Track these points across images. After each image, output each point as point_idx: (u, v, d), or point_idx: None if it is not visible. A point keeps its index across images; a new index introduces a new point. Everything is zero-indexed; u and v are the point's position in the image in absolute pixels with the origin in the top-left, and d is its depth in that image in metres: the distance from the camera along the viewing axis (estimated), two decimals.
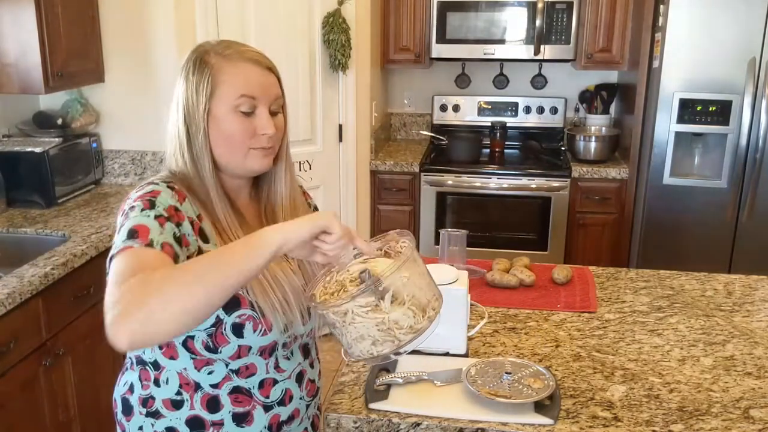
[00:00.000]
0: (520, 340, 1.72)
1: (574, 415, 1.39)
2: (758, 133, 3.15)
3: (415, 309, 1.08)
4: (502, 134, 4.05)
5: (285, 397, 1.26)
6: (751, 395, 1.47)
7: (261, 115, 1.20)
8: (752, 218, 3.26)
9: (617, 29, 3.68)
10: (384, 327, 1.06)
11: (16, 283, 2.05)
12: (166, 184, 1.18)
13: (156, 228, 1.09)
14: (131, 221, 1.10)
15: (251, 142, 1.20)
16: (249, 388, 1.21)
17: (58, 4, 2.68)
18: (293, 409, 1.28)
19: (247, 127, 1.19)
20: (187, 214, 1.16)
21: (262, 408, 1.23)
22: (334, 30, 3.35)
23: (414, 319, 1.07)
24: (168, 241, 1.09)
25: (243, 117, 1.19)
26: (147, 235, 1.08)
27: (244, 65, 1.20)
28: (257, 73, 1.20)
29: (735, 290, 2.03)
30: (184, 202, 1.17)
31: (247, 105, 1.19)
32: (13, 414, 2.05)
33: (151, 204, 1.13)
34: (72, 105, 3.06)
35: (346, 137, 3.62)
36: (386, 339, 1.07)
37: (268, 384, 1.23)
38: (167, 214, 1.13)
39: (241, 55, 1.20)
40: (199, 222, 1.17)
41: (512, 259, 2.16)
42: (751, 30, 3.06)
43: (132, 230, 1.08)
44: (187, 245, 1.13)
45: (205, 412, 1.20)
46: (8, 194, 2.80)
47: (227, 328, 1.15)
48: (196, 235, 1.15)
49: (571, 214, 3.65)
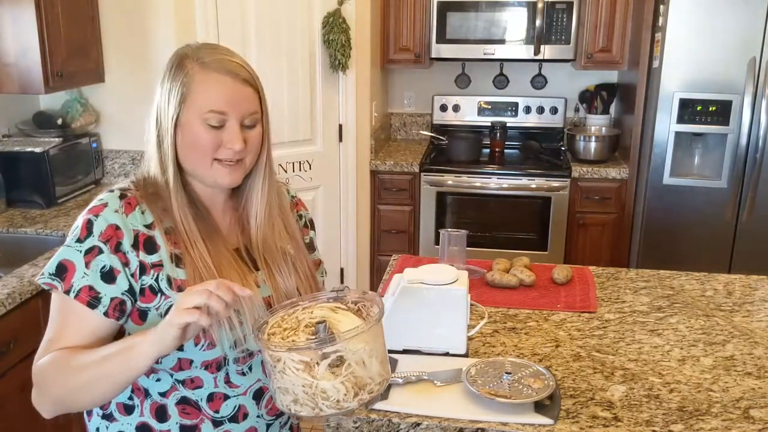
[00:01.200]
0: (520, 340, 1.72)
1: (574, 415, 1.39)
2: (758, 133, 3.15)
3: (350, 386, 1.01)
4: (502, 134, 4.05)
5: (238, 414, 1.21)
6: (751, 395, 1.47)
7: (230, 129, 1.17)
8: (752, 218, 3.26)
9: (617, 29, 3.68)
10: (309, 391, 1.01)
11: (16, 283, 2.05)
12: (120, 193, 1.18)
13: (80, 268, 1.12)
14: (64, 251, 1.15)
15: (216, 153, 1.17)
16: (197, 401, 1.19)
17: (58, 4, 2.67)
18: (248, 427, 1.23)
19: (214, 139, 1.16)
20: (129, 227, 1.15)
21: (210, 422, 1.20)
22: (334, 30, 3.35)
23: (344, 395, 1.01)
24: (89, 284, 1.12)
25: (211, 129, 1.16)
26: (70, 279, 1.12)
27: (218, 77, 1.16)
28: (231, 87, 1.16)
29: (735, 290, 2.03)
30: (132, 212, 1.16)
31: (216, 120, 1.16)
32: (13, 414, 2.05)
33: (89, 230, 1.14)
34: (72, 105, 3.06)
35: (346, 137, 3.62)
36: (307, 403, 1.01)
37: (218, 398, 1.19)
38: (102, 240, 1.13)
39: (219, 64, 1.17)
40: (147, 232, 1.16)
41: (512, 259, 2.16)
42: (751, 30, 3.06)
43: (61, 265, 1.14)
44: (127, 264, 1.14)
45: (153, 421, 1.19)
46: (8, 194, 2.80)
47: None
48: (140, 249, 1.15)
49: (571, 214, 3.65)
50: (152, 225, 1.17)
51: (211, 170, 1.18)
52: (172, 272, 1.15)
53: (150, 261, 1.15)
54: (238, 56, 1.21)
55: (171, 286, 1.14)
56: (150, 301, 1.14)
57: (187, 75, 1.16)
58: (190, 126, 1.16)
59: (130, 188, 1.20)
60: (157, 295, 1.14)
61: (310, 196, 3.59)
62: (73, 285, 1.12)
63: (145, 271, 1.14)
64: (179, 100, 1.16)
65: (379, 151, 3.95)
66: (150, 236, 1.16)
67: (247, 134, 1.19)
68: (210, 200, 1.24)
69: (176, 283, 1.14)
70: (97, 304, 1.12)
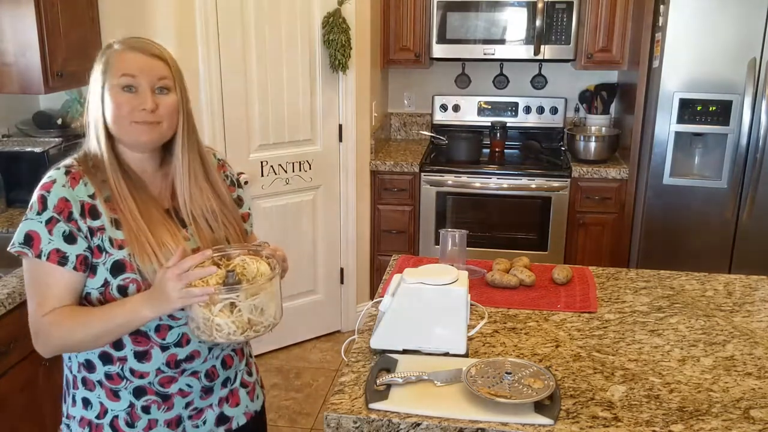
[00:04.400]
0: (520, 340, 1.72)
1: (574, 415, 1.39)
2: (758, 133, 3.15)
3: (239, 325, 1.30)
4: (502, 134, 4.05)
5: (182, 340, 1.42)
6: (751, 395, 1.47)
7: (141, 92, 1.37)
8: (752, 218, 3.26)
9: (617, 29, 3.68)
10: (207, 323, 1.29)
11: (16, 283, 2.05)
12: (65, 169, 1.39)
13: (44, 236, 1.33)
14: (28, 224, 1.35)
15: (133, 115, 1.36)
16: (146, 331, 1.39)
17: (58, 4, 2.67)
18: (191, 350, 1.43)
19: (130, 102, 1.36)
20: (76, 198, 1.36)
21: (159, 348, 1.41)
22: (334, 30, 3.35)
23: (234, 331, 1.30)
24: (55, 247, 1.33)
25: (127, 94, 1.36)
26: (38, 245, 1.33)
27: (131, 51, 1.39)
28: (141, 58, 1.38)
29: (735, 290, 2.03)
30: (77, 185, 1.37)
31: (128, 81, 1.36)
32: (13, 414, 2.05)
33: (44, 204, 1.34)
34: (72, 105, 3.06)
35: (346, 137, 3.62)
36: (205, 331, 1.31)
37: (164, 329, 1.40)
38: (56, 212, 1.34)
39: (133, 43, 1.41)
40: (90, 201, 1.37)
41: (512, 259, 2.16)
42: (751, 30, 3.06)
43: (27, 235, 1.34)
44: (79, 229, 1.35)
45: (111, 350, 1.40)
46: (8, 194, 2.81)
47: (114, 289, 1.36)
48: (86, 216, 1.36)
49: (571, 214, 3.65)
50: (94, 195, 1.37)
51: (130, 130, 1.38)
52: (113, 234, 1.36)
53: (95, 225, 1.36)
54: (157, 44, 1.43)
55: (113, 246, 1.36)
56: (98, 258, 1.36)
57: (107, 54, 1.40)
58: (111, 94, 1.37)
59: (74, 164, 1.40)
60: (103, 254, 1.36)
61: (310, 196, 3.59)
62: (42, 250, 1.33)
63: (93, 234, 1.36)
64: (102, 74, 1.38)
65: (379, 151, 3.95)
66: (93, 205, 1.37)
67: (159, 99, 1.39)
68: (141, 168, 1.44)
69: (117, 243, 1.36)
70: (65, 262, 1.33)
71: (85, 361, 1.43)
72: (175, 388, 1.44)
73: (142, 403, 1.43)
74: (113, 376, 1.41)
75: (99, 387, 1.43)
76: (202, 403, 1.49)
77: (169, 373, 1.43)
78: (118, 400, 1.43)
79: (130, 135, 1.38)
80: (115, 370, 1.41)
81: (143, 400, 1.43)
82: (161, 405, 1.44)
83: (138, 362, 1.40)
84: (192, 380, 1.46)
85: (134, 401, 1.43)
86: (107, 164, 1.38)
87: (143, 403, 1.43)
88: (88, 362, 1.43)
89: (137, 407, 1.43)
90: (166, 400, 1.44)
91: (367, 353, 1.64)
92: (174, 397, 1.45)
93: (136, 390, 1.42)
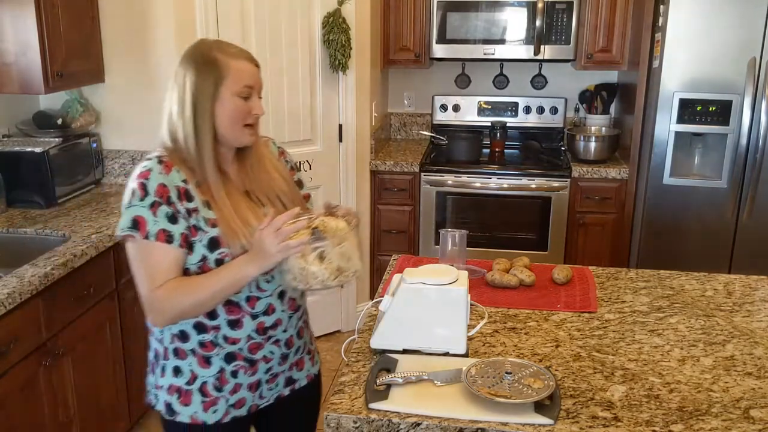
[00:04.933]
0: (520, 340, 1.72)
1: (574, 415, 1.39)
2: (758, 133, 3.15)
3: (331, 271, 1.47)
4: (502, 134, 4.05)
5: (268, 309, 1.61)
6: (751, 395, 1.47)
7: (255, 100, 1.58)
8: (752, 218, 3.26)
9: (617, 29, 3.68)
10: (303, 273, 1.47)
11: (16, 283, 2.05)
12: (157, 159, 1.53)
13: (150, 219, 1.48)
14: (133, 210, 1.49)
15: (246, 119, 1.57)
16: (238, 302, 1.57)
17: (58, 4, 2.68)
18: (276, 318, 1.63)
19: (245, 108, 1.56)
20: (172, 183, 1.51)
21: (249, 316, 1.59)
22: (334, 30, 3.35)
23: (327, 277, 1.47)
24: (161, 228, 1.48)
25: (242, 101, 1.55)
26: (145, 227, 1.48)
27: (243, 62, 1.56)
28: (253, 69, 1.58)
29: (735, 290, 2.03)
30: (170, 172, 1.52)
31: (247, 92, 1.56)
32: (13, 414, 2.05)
33: (145, 190, 1.49)
34: (72, 105, 3.06)
35: (346, 137, 3.62)
36: (302, 281, 1.48)
37: (254, 299, 1.58)
38: (157, 196, 1.49)
39: (240, 53, 1.57)
40: (184, 186, 1.52)
41: (512, 259, 2.16)
42: (751, 30, 3.06)
43: (134, 220, 1.48)
44: (178, 211, 1.51)
45: (206, 319, 1.57)
46: (8, 194, 2.81)
47: (211, 262, 1.52)
48: (183, 199, 1.51)
49: (571, 214, 3.65)
50: (186, 180, 1.53)
51: (241, 133, 1.57)
52: (206, 214, 1.53)
53: (191, 207, 1.52)
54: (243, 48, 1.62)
55: (207, 224, 1.52)
56: (195, 236, 1.52)
57: (219, 62, 1.53)
58: (229, 101, 1.54)
59: (164, 155, 1.55)
60: (199, 232, 1.52)
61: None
62: (149, 231, 1.48)
63: (190, 215, 1.51)
64: (216, 82, 1.52)
65: (379, 151, 3.95)
66: (187, 189, 1.53)
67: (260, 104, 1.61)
68: (225, 159, 1.61)
69: (210, 222, 1.52)
70: (172, 240, 1.49)
71: (179, 332, 1.59)
72: (260, 355, 1.63)
73: (232, 368, 1.60)
74: (207, 343, 1.58)
75: (191, 355, 1.59)
76: (278, 368, 1.68)
77: (258, 340, 1.61)
78: (209, 366, 1.60)
79: (238, 137, 1.57)
80: (209, 338, 1.58)
81: (233, 365, 1.60)
82: (248, 370, 1.62)
83: (231, 330, 1.58)
84: (274, 348, 1.65)
85: (225, 366, 1.60)
86: (206, 156, 1.54)
87: (232, 368, 1.60)
88: (182, 333, 1.58)
89: (227, 372, 1.60)
90: (252, 365, 1.62)
91: (367, 353, 1.65)
92: (259, 363, 1.63)
93: (227, 356, 1.59)
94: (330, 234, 1.47)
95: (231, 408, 1.63)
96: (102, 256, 2.47)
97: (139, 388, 2.83)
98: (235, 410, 1.64)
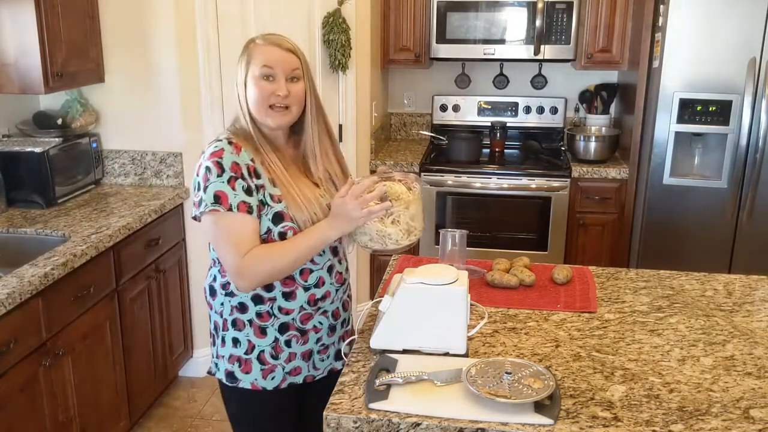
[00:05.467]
0: (520, 340, 1.72)
1: (574, 415, 1.39)
2: (758, 133, 3.15)
3: (404, 231, 1.65)
4: (502, 134, 4.05)
5: (319, 282, 1.75)
6: (751, 395, 1.47)
7: (278, 80, 1.68)
8: (752, 218, 3.26)
9: (617, 29, 3.68)
10: (380, 234, 1.65)
11: (16, 283, 2.05)
12: (227, 140, 1.67)
13: (230, 192, 1.61)
14: (213, 186, 1.61)
15: (269, 100, 1.67)
16: (293, 275, 1.71)
17: (58, 4, 2.68)
18: (325, 291, 1.77)
19: (267, 88, 1.67)
20: (243, 162, 1.65)
21: (302, 288, 1.73)
22: (334, 30, 3.35)
23: (401, 237, 1.65)
24: (241, 200, 1.62)
25: (266, 82, 1.67)
26: (227, 201, 1.61)
27: (269, 46, 1.69)
28: (277, 52, 1.68)
29: (735, 290, 2.03)
30: (240, 152, 1.66)
31: (267, 72, 1.67)
32: (13, 414, 2.05)
33: (221, 167, 1.62)
34: (72, 105, 3.06)
35: (346, 137, 3.62)
36: (378, 242, 1.66)
37: (306, 272, 1.72)
38: (233, 172, 1.62)
39: (270, 39, 1.71)
40: (253, 164, 1.67)
41: (512, 259, 2.16)
42: (751, 30, 3.06)
43: (216, 195, 1.61)
44: (250, 186, 1.64)
45: (263, 291, 1.71)
46: (8, 194, 2.81)
47: (275, 235, 1.66)
48: (252, 176, 1.65)
49: (571, 214, 3.65)
50: (253, 160, 1.67)
51: (266, 114, 1.69)
52: (271, 190, 1.67)
53: (259, 183, 1.66)
54: (288, 39, 1.74)
55: (272, 200, 1.66)
56: (261, 210, 1.65)
57: (249, 49, 1.70)
58: (252, 83, 1.68)
59: (231, 137, 1.69)
60: (265, 207, 1.66)
61: None
62: (231, 204, 1.61)
63: (258, 191, 1.65)
64: (245, 66, 1.69)
65: (379, 151, 3.95)
66: (255, 167, 1.67)
67: (291, 87, 1.69)
68: (274, 139, 1.74)
69: (275, 198, 1.67)
70: (251, 210, 1.63)
71: (238, 304, 1.72)
72: (311, 325, 1.76)
73: (285, 337, 1.74)
74: (263, 314, 1.72)
75: (248, 326, 1.73)
76: (328, 339, 1.82)
77: (309, 311, 1.75)
78: (264, 336, 1.73)
79: (265, 118, 1.69)
80: (266, 309, 1.72)
81: (286, 335, 1.74)
82: (299, 339, 1.76)
83: (285, 301, 1.72)
84: (323, 318, 1.78)
85: (279, 336, 1.74)
86: (256, 138, 1.69)
87: (286, 337, 1.74)
88: (241, 305, 1.72)
89: (281, 341, 1.74)
90: (303, 334, 1.76)
91: (367, 353, 1.65)
92: (309, 332, 1.77)
93: (281, 326, 1.73)
94: (394, 198, 1.63)
95: (288, 375, 1.77)
96: (102, 256, 2.47)
97: (140, 388, 2.84)
98: (292, 377, 1.77)
